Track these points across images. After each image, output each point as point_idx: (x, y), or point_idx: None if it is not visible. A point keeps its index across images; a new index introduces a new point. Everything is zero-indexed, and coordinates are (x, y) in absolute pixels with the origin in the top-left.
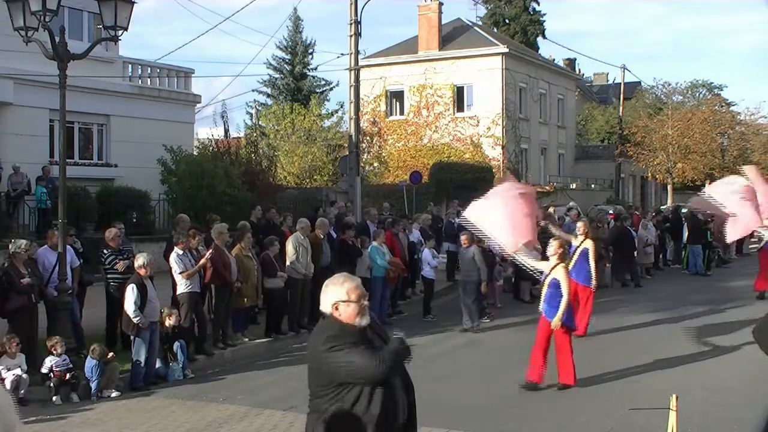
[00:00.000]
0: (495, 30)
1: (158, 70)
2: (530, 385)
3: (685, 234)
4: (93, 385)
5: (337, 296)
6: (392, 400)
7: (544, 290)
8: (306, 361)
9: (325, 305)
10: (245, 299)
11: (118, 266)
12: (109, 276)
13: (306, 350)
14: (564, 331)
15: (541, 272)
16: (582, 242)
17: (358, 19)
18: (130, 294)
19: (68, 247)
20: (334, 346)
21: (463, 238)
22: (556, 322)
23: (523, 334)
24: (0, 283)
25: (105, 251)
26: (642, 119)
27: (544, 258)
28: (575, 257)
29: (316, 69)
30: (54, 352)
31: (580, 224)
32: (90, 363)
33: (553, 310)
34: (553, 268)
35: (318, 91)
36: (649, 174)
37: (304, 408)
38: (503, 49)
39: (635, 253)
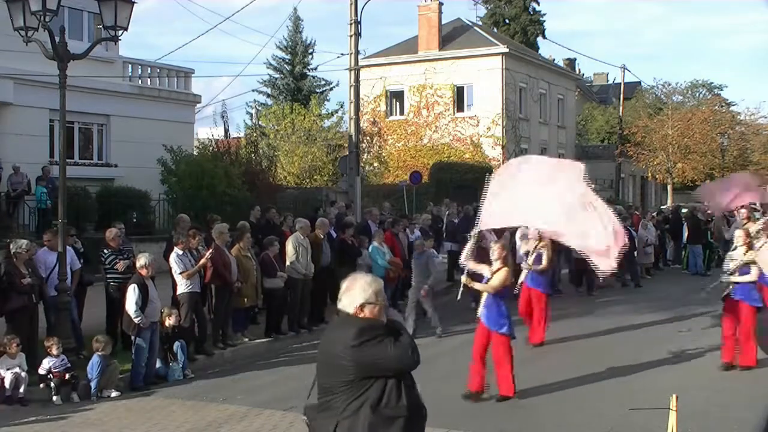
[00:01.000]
0: (495, 30)
1: (158, 70)
2: (470, 394)
3: (685, 234)
4: (93, 384)
5: (364, 298)
6: (416, 392)
7: (485, 295)
8: (319, 358)
9: (349, 305)
10: (245, 299)
11: (118, 266)
12: (109, 276)
13: (312, 349)
14: (502, 340)
15: (481, 275)
16: (536, 246)
17: (358, 19)
18: (132, 294)
19: (68, 247)
20: (366, 340)
21: (416, 243)
22: (465, 278)
23: (523, 334)
24: (0, 283)
25: (105, 251)
26: (642, 119)
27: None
28: (531, 261)
29: (316, 69)
30: (51, 352)
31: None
32: (94, 360)
33: (492, 316)
34: (495, 272)
35: (318, 91)
36: (649, 174)
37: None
38: (503, 49)
39: (635, 253)
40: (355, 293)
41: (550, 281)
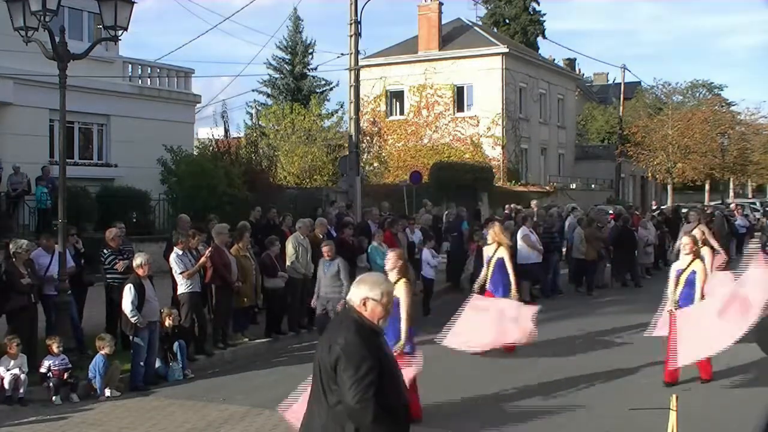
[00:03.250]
0: (495, 30)
1: (158, 70)
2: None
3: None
4: (98, 383)
5: (371, 293)
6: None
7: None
8: (329, 354)
9: (355, 297)
10: (245, 299)
11: (118, 266)
12: (108, 276)
13: (312, 349)
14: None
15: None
16: (495, 251)
17: (358, 19)
18: (128, 294)
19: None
20: (352, 350)
21: (325, 249)
22: (399, 346)
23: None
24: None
25: (105, 251)
26: (642, 119)
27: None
28: (491, 268)
29: (316, 69)
30: (51, 351)
31: (490, 231)
32: (98, 359)
33: (388, 335)
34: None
35: (318, 91)
36: (649, 174)
37: None
38: (503, 49)
39: (635, 253)
40: (363, 287)
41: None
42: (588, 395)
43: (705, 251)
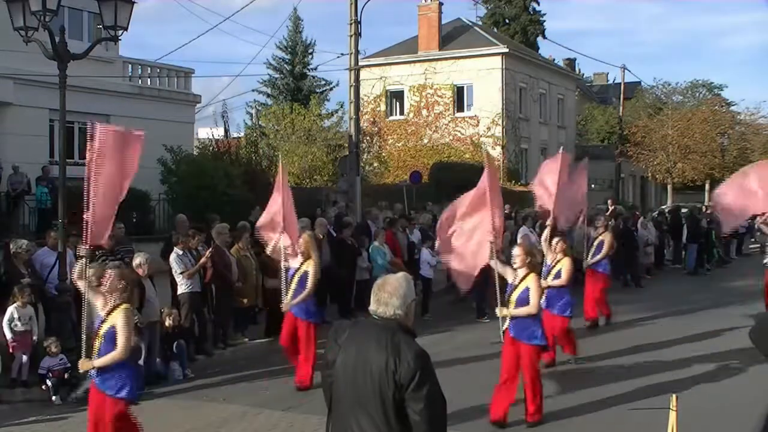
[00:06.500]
0: (495, 30)
1: (158, 70)
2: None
3: (685, 234)
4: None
5: (408, 296)
6: None
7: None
8: (395, 374)
9: (400, 304)
10: (245, 299)
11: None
12: None
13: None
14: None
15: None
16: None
17: (358, 19)
18: None
19: (68, 248)
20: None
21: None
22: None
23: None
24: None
25: (97, 252)
26: (642, 119)
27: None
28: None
29: (316, 69)
30: (50, 352)
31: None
32: None
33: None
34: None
35: (318, 91)
36: (649, 174)
37: (303, 408)
38: (503, 49)
39: (636, 252)
40: (404, 292)
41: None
42: (588, 395)
43: (565, 262)
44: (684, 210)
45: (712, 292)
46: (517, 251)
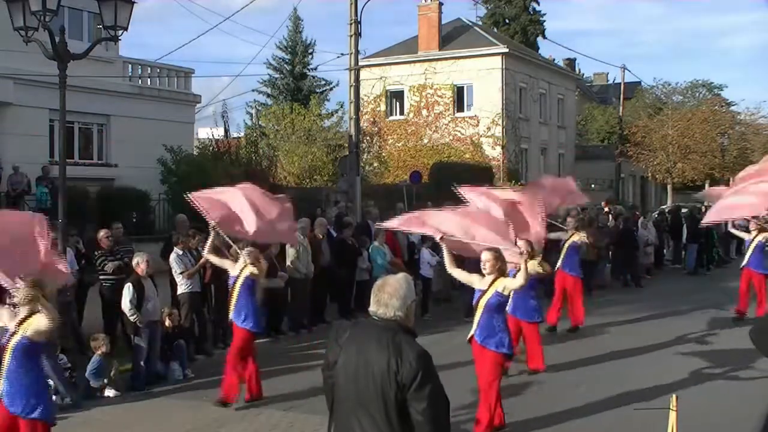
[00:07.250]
0: (495, 30)
1: (158, 70)
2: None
3: (685, 234)
4: (97, 384)
5: (408, 297)
6: None
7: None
8: (397, 374)
9: (400, 305)
10: None
11: (107, 267)
12: (101, 277)
13: (312, 349)
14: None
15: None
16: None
17: (358, 19)
18: (126, 293)
19: (68, 248)
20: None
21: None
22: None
23: None
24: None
25: (96, 252)
26: (642, 119)
27: None
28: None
29: (316, 69)
30: None
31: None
32: (94, 359)
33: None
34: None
35: (318, 91)
36: (649, 174)
37: (304, 408)
38: (503, 49)
39: (636, 252)
40: (404, 292)
41: None
42: (588, 395)
43: (532, 264)
44: (684, 210)
45: (712, 292)
46: (487, 256)
